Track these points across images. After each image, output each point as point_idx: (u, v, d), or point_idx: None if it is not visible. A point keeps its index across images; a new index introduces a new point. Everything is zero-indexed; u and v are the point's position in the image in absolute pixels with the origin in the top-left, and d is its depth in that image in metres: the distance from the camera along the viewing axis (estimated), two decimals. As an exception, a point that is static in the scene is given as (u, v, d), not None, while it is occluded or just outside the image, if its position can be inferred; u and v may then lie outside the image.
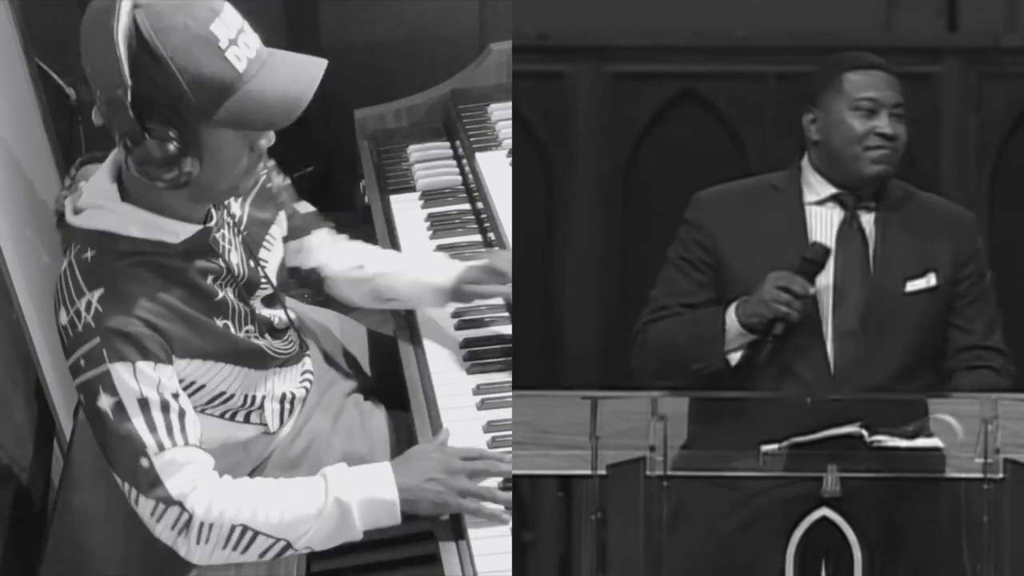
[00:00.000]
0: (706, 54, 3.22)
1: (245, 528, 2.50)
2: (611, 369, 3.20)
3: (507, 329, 3.14)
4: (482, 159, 3.74)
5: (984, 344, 2.59)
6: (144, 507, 2.48)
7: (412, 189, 3.84)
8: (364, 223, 3.76)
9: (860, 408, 2.29)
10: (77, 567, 3.00)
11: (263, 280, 2.73)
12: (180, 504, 2.45)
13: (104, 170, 2.48)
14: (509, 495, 2.59)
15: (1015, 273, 2.91)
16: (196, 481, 2.48)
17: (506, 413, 2.85)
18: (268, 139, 2.43)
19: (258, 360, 2.72)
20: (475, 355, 3.09)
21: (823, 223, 2.58)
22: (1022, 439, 2.22)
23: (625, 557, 2.24)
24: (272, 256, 2.81)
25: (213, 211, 2.57)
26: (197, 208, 2.50)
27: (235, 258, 2.64)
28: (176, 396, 2.45)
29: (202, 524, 2.48)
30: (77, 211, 2.45)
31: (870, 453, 2.22)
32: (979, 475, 2.22)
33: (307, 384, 2.96)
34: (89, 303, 2.38)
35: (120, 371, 2.38)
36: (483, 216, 3.60)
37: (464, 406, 2.96)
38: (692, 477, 2.23)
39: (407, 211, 3.74)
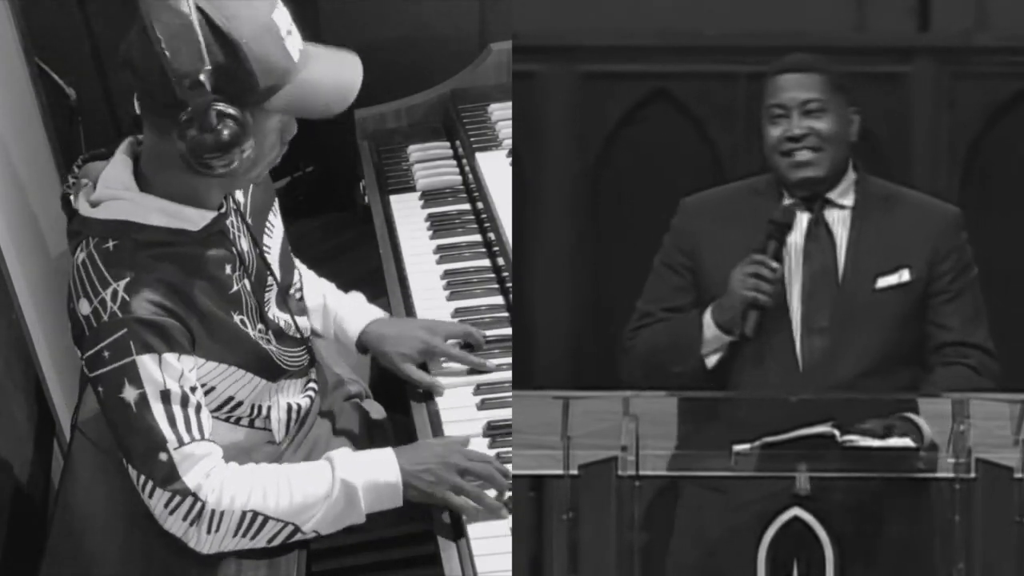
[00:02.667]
0: (677, 54, 3.21)
1: (256, 514, 2.55)
2: (583, 369, 3.20)
3: (507, 329, 3.14)
4: (482, 159, 3.75)
5: (962, 340, 2.59)
6: (158, 499, 2.50)
7: (412, 189, 3.86)
8: (364, 223, 3.77)
9: (833, 407, 2.29)
10: (77, 567, 2.99)
11: (270, 270, 2.75)
12: (195, 495, 2.49)
13: (118, 163, 2.50)
14: (498, 503, 2.63)
15: (987, 272, 2.89)
16: (210, 470, 2.51)
17: (506, 413, 2.86)
18: (294, 131, 2.49)
19: (268, 369, 2.74)
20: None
21: (798, 227, 2.60)
22: (994, 439, 2.21)
23: (597, 557, 2.24)
24: (273, 243, 2.83)
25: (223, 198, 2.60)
26: (214, 196, 2.53)
27: (244, 245, 2.66)
28: (194, 390, 2.49)
29: (214, 512, 2.52)
30: (93, 204, 2.46)
31: (842, 452, 2.21)
32: (951, 475, 2.21)
33: (311, 394, 2.98)
34: (115, 292, 2.39)
35: (147, 362, 2.40)
36: (483, 216, 3.60)
37: (464, 406, 2.97)
38: (664, 477, 2.23)
39: (407, 211, 3.75)
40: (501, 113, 3.96)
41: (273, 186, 2.90)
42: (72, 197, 2.52)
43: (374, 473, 2.61)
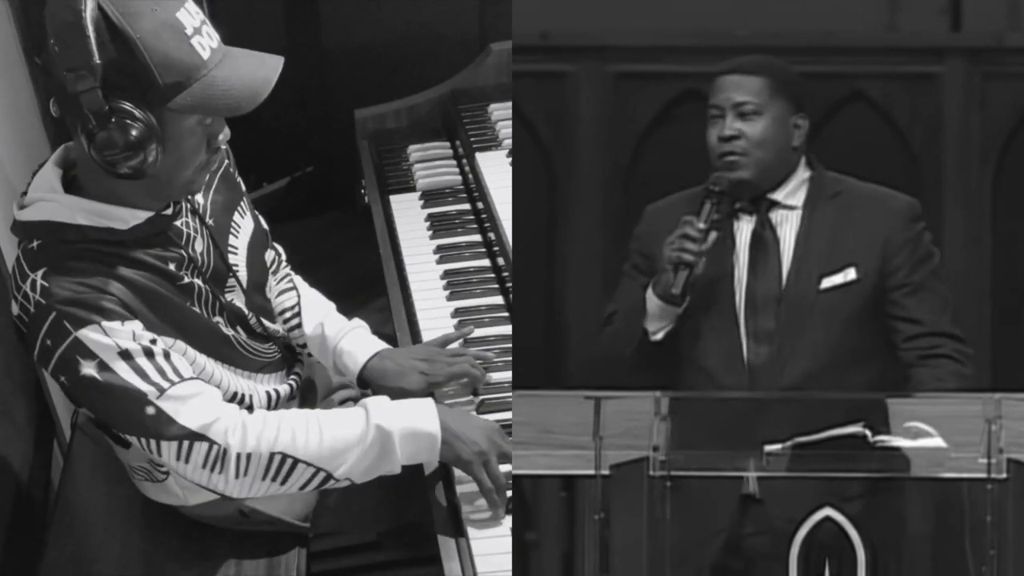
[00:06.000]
0: (708, 54, 3.22)
1: (285, 456, 2.51)
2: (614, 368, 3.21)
3: (507, 329, 3.14)
4: (482, 159, 3.76)
5: (931, 331, 2.60)
6: (168, 452, 2.46)
7: (412, 189, 3.87)
8: (364, 223, 3.77)
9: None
10: (77, 567, 2.99)
11: (232, 271, 2.71)
12: (205, 437, 2.45)
13: (49, 166, 2.48)
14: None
15: (1018, 271, 2.91)
16: (216, 412, 2.48)
17: (506, 413, 2.86)
18: (225, 135, 2.45)
19: (232, 355, 2.70)
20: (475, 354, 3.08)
21: (743, 227, 2.65)
22: (1025, 439, 2.23)
23: (628, 557, 2.24)
24: (240, 242, 2.78)
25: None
26: (146, 203, 2.47)
27: (199, 247, 2.61)
28: (154, 342, 2.42)
29: (239, 455, 2.48)
30: (23, 207, 2.44)
31: (871, 453, 2.22)
32: (983, 475, 2.22)
33: (293, 383, 2.93)
34: (34, 282, 2.35)
35: (89, 334, 2.35)
36: (483, 216, 3.61)
37: (464, 407, 2.96)
38: (696, 477, 2.23)
39: (407, 211, 3.76)
40: (501, 113, 3.97)
41: (240, 186, 2.87)
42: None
43: (412, 421, 2.58)
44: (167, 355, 2.44)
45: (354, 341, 3.04)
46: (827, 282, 2.59)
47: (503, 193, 3.46)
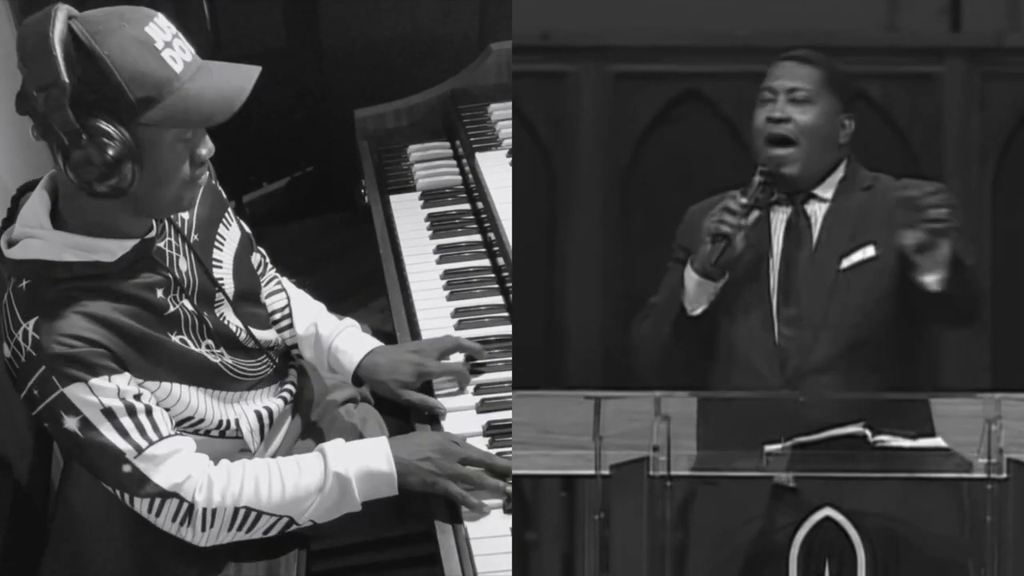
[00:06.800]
0: (709, 54, 3.23)
1: (249, 509, 2.57)
2: (615, 369, 3.21)
3: (507, 329, 3.14)
4: (482, 159, 3.75)
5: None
6: (140, 507, 2.52)
7: (412, 189, 3.87)
8: (364, 223, 3.76)
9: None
10: (77, 567, 2.99)
11: (217, 286, 2.70)
12: (176, 495, 2.50)
13: (35, 198, 2.45)
14: (500, 482, 2.64)
15: (1018, 271, 2.90)
16: (188, 470, 2.52)
17: (506, 413, 2.86)
18: (208, 149, 2.43)
19: (220, 381, 2.71)
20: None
21: (779, 217, 2.65)
22: (1025, 439, 2.23)
23: (628, 557, 2.24)
24: (225, 255, 2.78)
25: (154, 222, 2.53)
26: (139, 223, 2.48)
27: (184, 265, 2.61)
28: (138, 396, 2.45)
29: (205, 511, 2.54)
30: (11, 243, 2.43)
31: (873, 453, 2.22)
32: (983, 475, 2.22)
33: (286, 395, 2.94)
34: (26, 332, 2.36)
35: (76, 391, 2.38)
36: (483, 216, 3.60)
37: (464, 407, 2.96)
38: (695, 477, 2.23)
39: (407, 211, 3.76)
40: (501, 113, 3.96)
41: (223, 197, 2.85)
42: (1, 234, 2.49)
43: (367, 463, 2.63)
44: (149, 411, 2.47)
45: (348, 340, 3.06)
46: (847, 261, 2.59)
47: (503, 193, 3.45)
